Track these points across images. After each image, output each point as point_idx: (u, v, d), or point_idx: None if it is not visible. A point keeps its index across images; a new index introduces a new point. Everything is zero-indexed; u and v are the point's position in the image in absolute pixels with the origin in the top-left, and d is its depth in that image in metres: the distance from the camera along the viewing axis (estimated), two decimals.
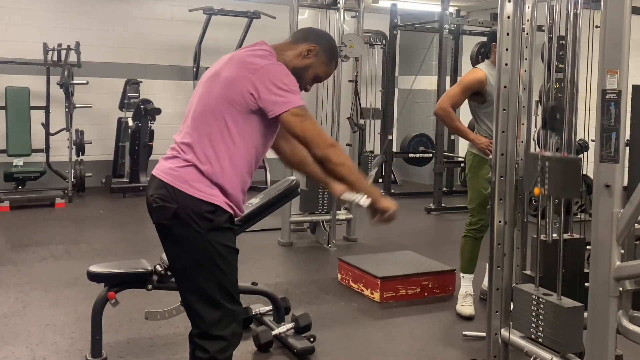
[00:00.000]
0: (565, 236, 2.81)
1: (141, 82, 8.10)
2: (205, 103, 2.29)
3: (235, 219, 2.37)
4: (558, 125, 2.71)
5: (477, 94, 4.02)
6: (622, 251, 2.28)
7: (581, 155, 4.04)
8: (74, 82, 7.59)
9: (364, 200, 2.33)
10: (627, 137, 2.35)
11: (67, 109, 7.55)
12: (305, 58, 2.40)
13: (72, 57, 7.54)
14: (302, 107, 2.23)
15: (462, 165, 8.84)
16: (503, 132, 2.90)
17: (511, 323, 2.88)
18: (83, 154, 7.75)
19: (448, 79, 8.50)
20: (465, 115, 9.33)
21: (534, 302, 2.70)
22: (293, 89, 2.24)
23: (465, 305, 4.05)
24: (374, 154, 8.62)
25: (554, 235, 2.80)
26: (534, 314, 2.70)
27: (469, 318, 4.01)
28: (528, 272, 2.98)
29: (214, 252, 2.24)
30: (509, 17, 2.85)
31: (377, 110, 8.77)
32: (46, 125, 7.63)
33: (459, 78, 8.93)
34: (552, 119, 2.71)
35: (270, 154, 2.59)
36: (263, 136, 2.32)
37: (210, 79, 2.33)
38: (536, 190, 2.68)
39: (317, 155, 2.25)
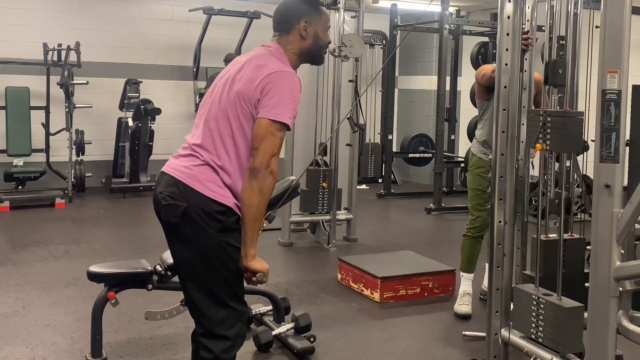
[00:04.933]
0: (565, 236, 2.81)
1: (141, 82, 8.10)
2: (220, 106, 2.28)
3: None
4: (560, 80, 2.69)
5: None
6: (622, 251, 2.28)
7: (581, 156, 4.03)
8: (74, 82, 7.59)
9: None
10: (627, 137, 2.35)
11: (67, 109, 7.55)
12: (306, 34, 2.39)
13: (72, 57, 7.54)
14: (284, 127, 2.20)
15: (462, 165, 8.86)
16: (503, 132, 2.90)
17: (511, 323, 2.88)
18: (83, 154, 7.75)
19: (448, 79, 8.50)
20: (465, 116, 9.37)
21: (534, 302, 2.70)
22: (292, 108, 2.22)
23: (463, 304, 4.06)
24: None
25: (554, 235, 2.81)
26: (534, 314, 2.70)
27: (465, 317, 4.01)
28: (528, 272, 2.98)
29: (222, 252, 2.24)
30: (509, 17, 2.85)
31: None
32: (46, 125, 7.63)
33: (459, 78, 8.98)
34: (554, 73, 2.69)
35: None
36: None
37: (226, 82, 2.32)
38: (538, 146, 2.65)
39: (253, 166, 2.18)
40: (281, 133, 2.21)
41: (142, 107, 7.66)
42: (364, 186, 8.76)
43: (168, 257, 3.00)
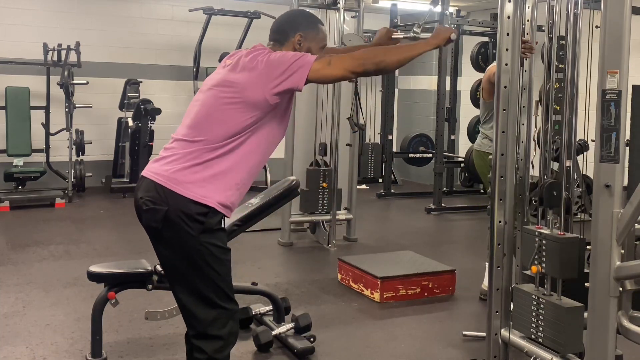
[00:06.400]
0: None
1: (141, 82, 8.10)
2: (211, 107, 2.28)
3: (227, 220, 2.36)
4: (555, 203, 2.70)
5: None
6: (622, 251, 2.28)
7: (581, 155, 4.02)
8: (74, 82, 7.59)
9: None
10: (627, 137, 2.35)
11: (67, 109, 7.55)
12: (300, 49, 2.40)
13: (72, 57, 7.54)
14: (317, 59, 2.24)
15: (462, 165, 8.85)
16: (503, 132, 2.90)
17: (511, 323, 2.88)
18: (83, 154, 7.75)
19: (448, 79, 8.50)
20: (465, 116, 9.37)
21: (534, 302, 2.70)
22: (298, 55, 2.25)
23: None
24: None
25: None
26: (534, 314, 2.70)
27: None
28: (528, 272, 2.98)
29: (207, 253, 2.23)
30: (509, 17, 2.85)
31: None
32: (46, 125, 7.63)
33: (459, 78, 8.98)
34: (549, 196, 2.70)
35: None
36: (272, 134, 2.33)
37: (215, 84, 2.33)
38: (533, 269, 2.69)
39: (372, 71, 2.26)
40: (324, 57, 2.26)
41: (142, 107, 7.65)
42: (364, 186, 8.76)
43: None
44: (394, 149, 9.10)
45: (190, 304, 2.28)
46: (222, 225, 2.31)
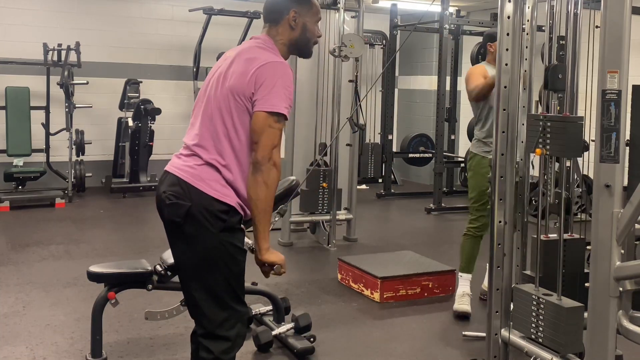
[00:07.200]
0: (565, 236, 2.81)
1: (141, 82, 8.10)
2: (214, 103, 2.28)
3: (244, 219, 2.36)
4: (560, 85, 2.69)
5: None
6: (622, 251, 2.28)
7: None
8: (74, 82, 7.59)
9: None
10: (627, 137, 2.35)
11: (67, 109, 7.55)
12: (295, 25, 2.38)
13: (72, 57, 7.54)
14: (281, 118, 2.20)
15: (462, 165, 8.85)
16: (503, 132, 2.90)
17: (511, 323, 2.88)
18: (83, 154, 7.75)
19: (448, 79, 8.50)
20: (465, 116, 9.36)
21: (534, 302, 2.70)
22: (287, 98, 2.22)
23: (462, 303, 4.05)
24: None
25: (554, 235, 2.81)
26: (534, 314, 2.70)
27: (465, 315, 4.01)
28: (528, 272, 2.98)
29: (225, 252, 2.24)
30: (509, 17, 2.85)
31: None
32: (46, 125, 7.63)
33: (459, 78, 8.98)
34: (554, 78, 2.69)
35: None
36: None
37: (218, 79, 2.32)
38: (538, 151, 2.67)
39: (255, 160, 2.19)
40: (279, 124, 2.21)
41: (142, 107, 7.66)
42: (364, 186, 8.76)
43: (168, 257, 3.00)
44: (394, 149, 9.10)
45: (202, 303, 2.27)
46: (241, 226, 2.30)
